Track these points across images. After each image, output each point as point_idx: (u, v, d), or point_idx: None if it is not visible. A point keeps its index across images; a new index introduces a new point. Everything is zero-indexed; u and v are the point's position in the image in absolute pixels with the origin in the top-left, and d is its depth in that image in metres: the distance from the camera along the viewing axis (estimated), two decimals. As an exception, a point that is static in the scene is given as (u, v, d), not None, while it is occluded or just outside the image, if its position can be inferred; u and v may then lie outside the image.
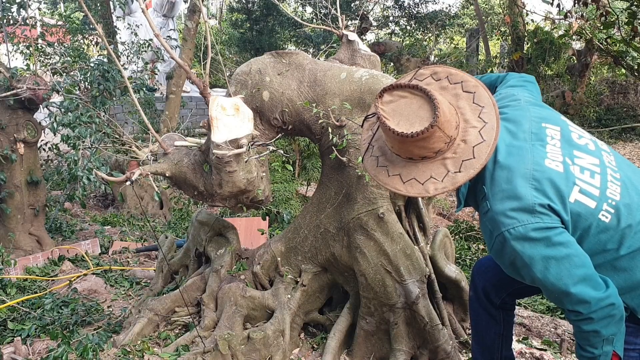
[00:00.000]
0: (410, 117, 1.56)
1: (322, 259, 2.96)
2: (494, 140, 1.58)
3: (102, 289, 3.88)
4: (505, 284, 2.07)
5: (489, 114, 1.62)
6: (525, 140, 1.65)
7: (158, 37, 2.51)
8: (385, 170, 1.68)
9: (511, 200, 1.55)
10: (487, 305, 2.13)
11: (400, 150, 1.63)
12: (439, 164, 1.60)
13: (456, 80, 1.69)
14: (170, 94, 8.42)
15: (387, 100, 1.62)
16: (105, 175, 2.65)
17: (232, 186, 2.71)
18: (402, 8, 15.24)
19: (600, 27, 5.52)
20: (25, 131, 4.60)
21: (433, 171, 1.60)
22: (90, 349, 2.74)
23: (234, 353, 2.65)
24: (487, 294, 2.12)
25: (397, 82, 1.65)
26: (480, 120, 1.62)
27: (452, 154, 1.59)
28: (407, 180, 1.63)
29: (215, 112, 2.56)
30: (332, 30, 3.26)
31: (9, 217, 4.70)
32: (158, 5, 12.45)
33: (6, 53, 5.41)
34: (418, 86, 1.58)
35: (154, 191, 5.38)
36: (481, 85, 1.68)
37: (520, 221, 1.52)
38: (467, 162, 1.57)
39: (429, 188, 1.60)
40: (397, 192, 1.65)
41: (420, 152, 1.59)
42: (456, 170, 1.58)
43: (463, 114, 1.64)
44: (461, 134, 1.61)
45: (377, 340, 2.82)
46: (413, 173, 1.62)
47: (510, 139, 1.66)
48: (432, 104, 1.54)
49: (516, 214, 1.53)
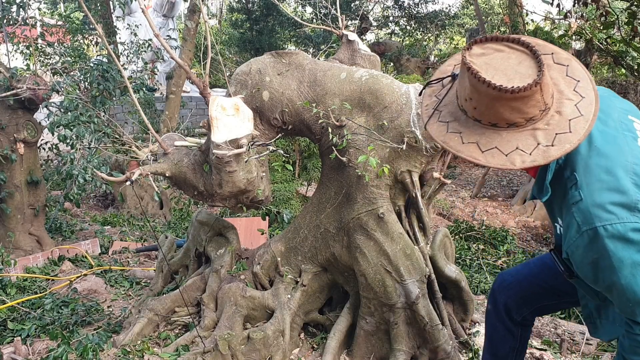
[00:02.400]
0: (508, 71, 1.36)
1: (322, 259, 2.96)
2: (593, 115, 1.38)
3: (102, 289, 3.88)
4: (530, 300, 2.00)
5: (586, 88, 1.43)
6: (617, 130, 1.48)
7: (158, 37, 2.51)
8: (459, 136, 1.44)
9: (613, 193, 1.37)
10: (505, 321, 2.06)
11: (485, 112, 1.40)
12: (528, 134, 1.39)
13: (546, 51, 1.48)
14: (170, 94, 8.42)
15: (477, 53, 1.41)
16: (105, 175, 2.65)
17: (232, 186, 2.71)
18: (402, 8, 15.25)
19: (600, 27, 5.51)
20: (25, 131, 4.60)
21: (520, 142, 1.39)
22: (90, 349, 2.74)
23: (234, 353, 2.65)
24: (509, 310, 2.04)
25: (490, 35, 1.45)
26: (577, 93, 1.42)
27: (545, 125, 1.39)
28: (488, 149, 1.40)
29: (215, 112, 2.56)
30: (332, 30, 3.26)
31: (9, 217, 4.70)
32: (158, 5, 12.44)
33: (6, 53, 5.41)
34: (519, 39, 1.40)
35: (154, 191, 5.38)
36: (574, 59, 1.49)
37: (620, 218, 1.35)
38: (562, 136, 1.37)
39: (515, 160, 1.38)
40: (474, 161, 1.41)
41: (511, 115, 1.37)
42: (548, 144, 1.37)
43: (557, 84, 1.44)
44: (556, 104, 1.41)
45: (377, 340, 2.82)
46: (495, 142, 1.40)
47: (603, 126, 1.48)
48: (536, 59, 1.36)
49: (616, 209, 1.36)
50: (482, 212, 8.43)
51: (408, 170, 2.69)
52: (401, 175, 2.70)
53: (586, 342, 3.08)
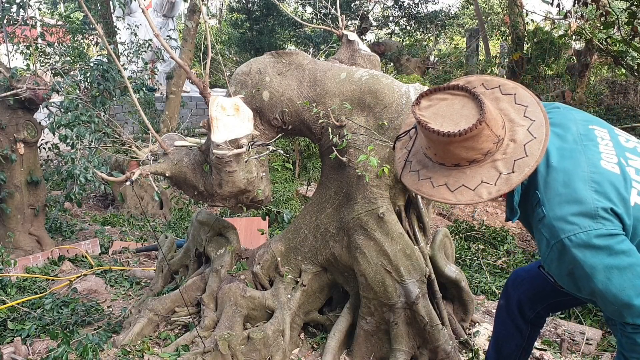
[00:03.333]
0: (454, 117, 1.46)
1: (322, 259, 2.96)
2: (545, 137, 1.47)
3: (102, 289, 3.88)
4: (544, 296, 2.02)
5: (535, 111, 1.52)
6: (575, 143, 1.56)
7: (158, 37, 2.51)
8: (429, 182, 1.56)
9: (571, 204, 1.44)
10: (516, 317, 2.08)
11: (445, 156, 1.51)
12: (489, 166, 1.49)
13: (493, 85, 1.61)
14: (170, 94, 8.41)
15: (425, 106, 1.52)
16: (105, 175, 2.65)
17: (232, 186, 2.71)
18: (402, 8, 15.25)
19: (600, 27, 5.51)
20: (25, 131, 4.60)
21: (484, 175, 1.49)
22: (90, 349, 2.74)
23: (234, 353, 2.65)
24: (521, 306, 2.06)
25: (433, 87, 1.58)
26: (527, 118, 1.52)
27: (502, 154, 1.49)
28: (456, 188, 1.51)
29: (215, 112, 2.56)
30: (332, 30, 3.26)
31: (9, 217, 4.70)
32: (158, 5, 12.45)
33: (6, 53, 5.41)
34: (458, 85, 1.50)
35: (154, 191, 5.38)
36: (520, 86, 1.60)
37: (582, 227, 1.42)
38: (519, 161, 1.46)
39: (482, 193, 1.48)
40: (446, 202, 1.53)
41: (468, 154, 1.47)
42: (509, 171, 1.46)
43: (507, 114, 1.54)
44: (509, 134, 1.50)
45: (377, 340, 2.82)
46: (462, 180, 1.51)
47: (560, 142, 1.56)
48: (476, 101, 1.45)
49: (577, 219, 1.42)
50: (482, 212, 8.43)
51: (408, 170, 2.68)
52: (401, 175, 2.69)
53: (586, 342, 3.08)
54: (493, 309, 3.44)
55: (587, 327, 3.27)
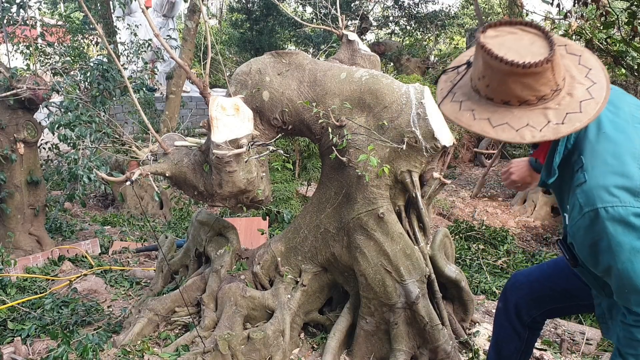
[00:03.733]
0: (521, 50, 1.40)
1: (322, 259, 2.96)
2: (603, 100, 1.42)
3: (102, 289, 3.88)
4: (541, 302, 2.01)
5: (598, 75, 1.48)
6: (627, 121, 1.52)
7: (158, 37, 2.51)
8: (471, 113, 1.50)
9: (616, 176, 1.40)
10: (513, 320, 2.08)
11: (498, 89, 1.44)
12: (539, 112, 1.43)
13: (560, 43, 1.54)
14: (170, 94, 8.41)
15: (491, 35, 1.46)
16: (105, 175, 2.65)
17: (232, 186, 2.71)
18: (402, 8, 15.26)
19: (600, 27, 5.51)
20: (25, 131, 4.60)
21: (531, 119, 1.42)
22: (90, 349, 2.74)
23: (234, 353, 2.65)
24: (519, 310, 2.06)
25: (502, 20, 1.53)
26: (588, 79, 1.47)
27: (556, 105, 1.43)
28: (498, 124, 1.45)
29: (215, 112, 2.56)
30: (332, 30, 3.26)
31: (9, 217, 4.70)
32: (158, 5, 12.45)
33: (6, 53, 5.41)
34: (531, 23, 1.46)
35: (154, 191, 5.38)
36: (587, 50, 1.55)
37: (622, 201, 1.37)
38: (572, 115, 1.41)
39: (525, 134, 1.41)
40: (485, 134, 1.47)
41: (522, 93, 1.41)
42: (559, 122, 1.41)
43: (569, 71, 1.49)
44: (567, 88, 1.46)
45: (377, 340, 2.82)
46: (507, 118, 1.45)
47: (613, 116, 1.53)
48: (548, 40, 1.40)
49: (619, 192, 1.38)
50: (482, 212, 8.43)
51: (408, 170, 2.69)
52: (401, 175, 2.70)
53: (586, 342, 3.08)
54: (493, 309, 3.44)
55: (587, 327, 3.27)
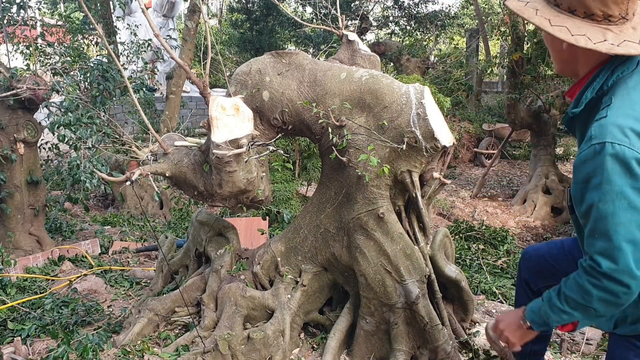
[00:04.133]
0: None
1: (322, 259, 2.96)
2: None
3: (102, 289, 3.88)
4: (546, 276, 2.15)
5: None
6: None
7: (158, 37, 2.51)
8: (535, 10, 1.57)
9: (636, 121, 1.42)
10: (526, 289, 2.25)
11: None
12: (599, 30, 1.48)
13: None
14: (170, 94, 8.41)
15: None
16: (105, 175, 2.65)
17: (232, 186, 2.71)
18: (402, 8, 15.25)
19: None
20: (25, 131, 4.60)
21: (590, 32, 1.48)
22: (90, 349, 2.74)
23: (234, 353, 2.65)
24: (527, 280, 2.23)
25: None
26: None
27: (618, 30, 1.48)
28: (557, 25, 1.51)
29: (215, 112, 2.56)
30: (332, 30, 3.26)
31: (9, 217, 4.70)
32: (158, 5, 12.46)
33: (6, 53, 5.41)
34: None
35: (154, 191, 5.38)
36: None
37: (631, 144, 1.38)
38: (629, 43, 1.47)
39: (580, 40, 1.47)
40: (541, 27, 1.53)
41: (592, 4, 1.47)
42: (614, 44, 1.46)
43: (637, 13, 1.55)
44: (633, 22, 1.51)
45: (377, 340, 2.82)
46: (567, 23, 1.51)
47: None
48: None
49: (633, 135, 1.39)
50: (482, 212, 8.44)
51: (408, 170, 2.69)
52: (401, 175, 2.70)
53: (586, 342, 3.08)
54: (493, 309, 3.44)
55: (587, 327, 3.27)
